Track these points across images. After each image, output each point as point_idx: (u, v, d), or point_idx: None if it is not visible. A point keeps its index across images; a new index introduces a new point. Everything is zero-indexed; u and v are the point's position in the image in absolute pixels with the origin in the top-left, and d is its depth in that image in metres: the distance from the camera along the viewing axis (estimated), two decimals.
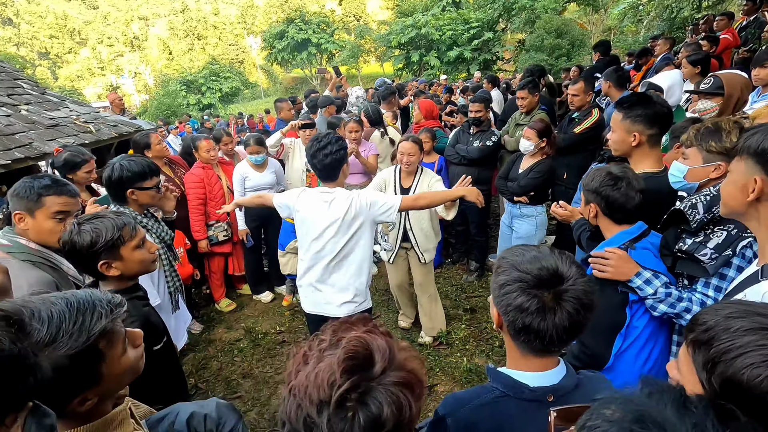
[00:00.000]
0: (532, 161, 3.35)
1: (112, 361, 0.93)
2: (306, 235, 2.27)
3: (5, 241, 1.70)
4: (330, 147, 2.15)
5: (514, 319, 0.95)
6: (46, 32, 41.68)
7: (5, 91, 4.99)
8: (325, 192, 2.22)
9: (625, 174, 1.62)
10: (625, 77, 3.93)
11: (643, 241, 1.60)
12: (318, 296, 2.31)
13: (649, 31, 15.56)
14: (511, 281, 0.96)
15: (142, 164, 2.13)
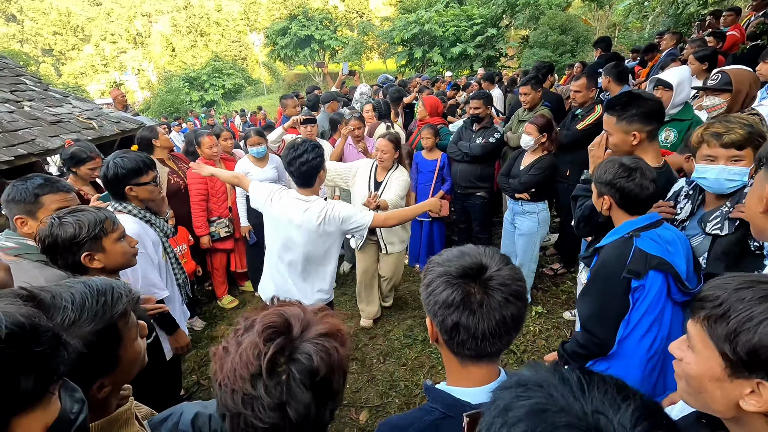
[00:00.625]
0: (534, 157, 3.33)
1: (127, 344, 0.96)
2: (275, 237, 2.34)
3: (11, 243, 1.68)
4: (306, 155, 2.16)
5: (443, 319, 0.89)
6: (50, 29, 41.76)
7: (8, 88, 5.00)
8: (300, 200, 2.25)
9: (638, 164, 1.61)
10: (625, 72, 3.90)
11: (650, 231, 1.59)
12: (288, 289, 2.37)
13: (655, 28, 15.44)
14: (435, 278, 0.92)
15: (136, 160, 2.08)
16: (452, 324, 0.88)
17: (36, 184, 1.70)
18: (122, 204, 2.11)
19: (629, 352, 1.62)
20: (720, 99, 2.42)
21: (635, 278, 1.54)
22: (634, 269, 1.54)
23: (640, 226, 1.61)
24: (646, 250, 1.54)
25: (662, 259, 1.52)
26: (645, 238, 1.57)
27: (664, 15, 15.04)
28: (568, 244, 4.06)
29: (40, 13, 41.77)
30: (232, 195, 3.89)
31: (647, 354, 1.60)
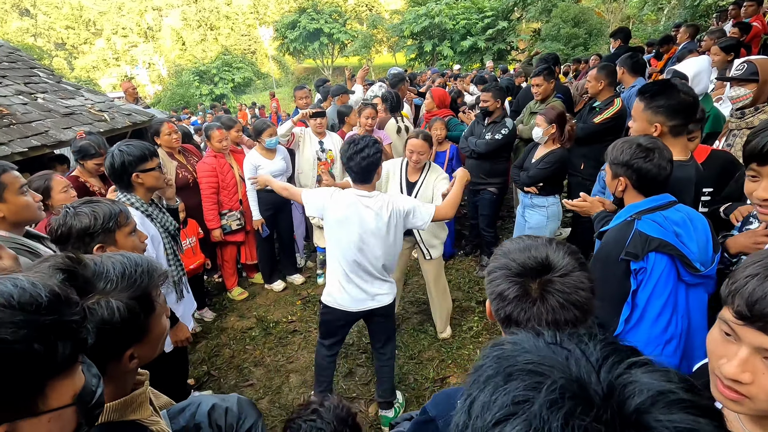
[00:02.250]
0: (545, 151, 3.27)
1: (156, 317, 0.99)
2: (345, 240, 2.25)
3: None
4: (367, 150, 2.14)
5: (497, 308, 0.92)
6: (63, 23, 42.13)
7: (22, 80, 5.04)
8: (363, 196, 2.21)
9: (656, 144, 1.58)
10: (641, 64, 3.80)
11: (655, 214, 1.57)
12: (357, 293, 2.34)
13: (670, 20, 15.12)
14: (497, 268, 0.94)
15: (140, 147, 2.09)
16: (505, 315, 0.91)
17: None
18: (126, 195, 2.10)
19: (643, 336, 1.60)
20: (746, 89, 2.33)
21: (633, 260, 1.54)
22: (632, 251, 1.53)
23: (643, 208, 1.59)
24: (647, 232, 1.52)
25: (663, 241, 1.50)
26: (646, 221, 1.55)
27: (680, 6, 14.71)
28: (580, 239, 3.99)
29: (53, 8, 42.15)
30: (242, 188, 3.89)
31: (663, 336, 1.59)
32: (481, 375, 0.45)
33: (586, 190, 3.59)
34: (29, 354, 0.55)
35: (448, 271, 4.27)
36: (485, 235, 4.10)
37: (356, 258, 2.26)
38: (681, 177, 1.75)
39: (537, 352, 0.44)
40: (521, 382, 0.40)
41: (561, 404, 0.37)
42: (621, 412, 0.37)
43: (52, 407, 0.59)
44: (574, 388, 0.39)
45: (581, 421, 0.36)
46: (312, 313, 3.78)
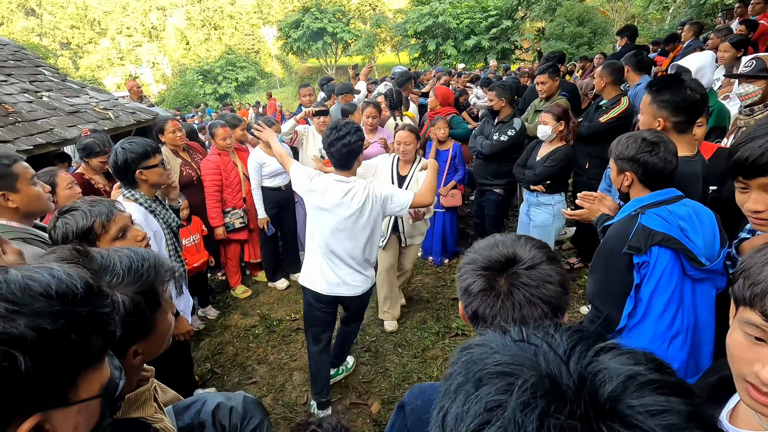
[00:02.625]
0: (550, 148, 3.24)
1: (162, 313, 0.99)
2: (319, 221, 2.31)
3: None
4: (349, 137, 2.15)
5: (465, 305, 0.90)
6: (68, 22, 42.35)
7: (27, 78, 5.07)
8: (341, 181, 2.24)
9: (661, 138, 1.57)
10: (645, 61, 3.77)
11: (659, 208, 1.55)
12: (332, 277, 2.38)
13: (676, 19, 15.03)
14: (465, 264, 0.93)
15: (142, 143, 2.10)
16: (472, 312, 0.89)
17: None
18: (131, 191, 2.12)
19: (649, 332, 1.59)
20: (754, 86, 2.32)
21: (636, 254, 1.53)
22: (635, 245, 1.53)
23: (648, 203, 1.58)
24: (650, 226, 1.51)
25: (666, 235, 1.49)
26: (650, 215, 1.54)
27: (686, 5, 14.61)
28: (585, 238, 3.97)
29: (58, 7, 42.38)
30: (246, 186, 3.89)
31: (669, 332, 1.57)
32: (452, 384, 0.43)
33: (591, 189, 3.57)
34: (66, 344, 0.55)
35: (452, 270, 4.26)
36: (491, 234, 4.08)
37: (330, 243, 2.30)
38: (687, 173, 1.74)
39: (505, 352, 0.43)
40: (492, 387, 0.39)
41: (534, 404, 0.36)
42: (594, 403, 0.36)
43: (81, 398, 0.60)
44: (545, 386, 0.38)
45: (556, 419, 0.35)
46: None
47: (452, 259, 4.44)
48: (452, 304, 3.69)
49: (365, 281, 2.45)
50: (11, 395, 0.50)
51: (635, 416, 0.35)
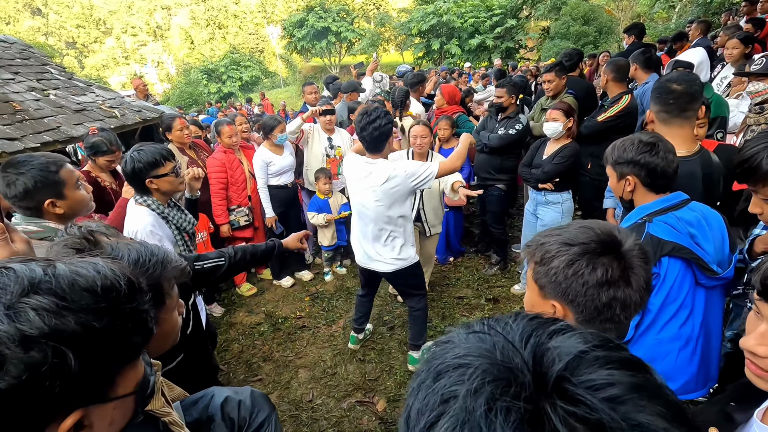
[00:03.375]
0: (557, 146, 3.23)
1: (166, 311, 0.98)
2: (354, 201, 2.57)
3: (33, 227, 1.64)
4: (379, 121, 2.29)
5: (593, 297, 0.87)
6: (73, 22, 42.56)
7: (34, 76, 5.09)
8: (368, 162, 2.42)
9: (657, 138, 1.53)
10: (654, 60, 3.74)
11: (667, 215, 1.49)
12: (368, 252, 2.61)
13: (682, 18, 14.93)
14: (575, 258, 0.88)
15: (153, 152, 2.04)
16: (606, 301, 0.87)
17: (43, 163, 1.62)
18: (143, 197, 2.08)
19: (654, 341, 1.54)
20: (764, 84, 2.31)
21: None
22: None
23: (654, 210, 1.51)
24: (659, 235, 1.45)
25: (677, 245, 1.43)
26: (658, 223, 1.47)
27: (692, 4, 14.51)
28: None
29: (64, 6, 42.60)
30: (251, 184, 3.89)
31: (676, 342, 1.52)
32: (415, 381, 0.44)
33: (593, 189, 3.58)
34: (110, 341, 0.55)
35: (457, 269, 4.25)
36: (494, 232, 4.06)
37: (361, 220, 2.55)
38: (682, 173, 1.67)
39: (465, 344, 0.43)
40: (448, 379, 0.39)
41: (482, 390, 0.37)
42: (541, 382, 0.37)
43: (119, 395, 0.59)
44: (495, 371, 0.38)
45: (503, 402, 0.35)
46: (320, 309, 3.78)
47: (457, 257, 4.43)
48: (457, 303, 3.68)
49: (395, 262, 2.57)
50: (59, 392, 0.49)
51: (579, 392, 0.35)
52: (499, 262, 4.13)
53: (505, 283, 3.92)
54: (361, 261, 2.68)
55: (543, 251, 0.93)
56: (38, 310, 0.48)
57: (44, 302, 0.49)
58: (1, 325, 0.47)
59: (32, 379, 0.47)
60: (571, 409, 0.34)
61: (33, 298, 0.49)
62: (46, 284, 0.51)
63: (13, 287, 0.49)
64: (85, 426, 0.54)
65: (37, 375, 0.47)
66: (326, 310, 3.76)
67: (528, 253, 0.98)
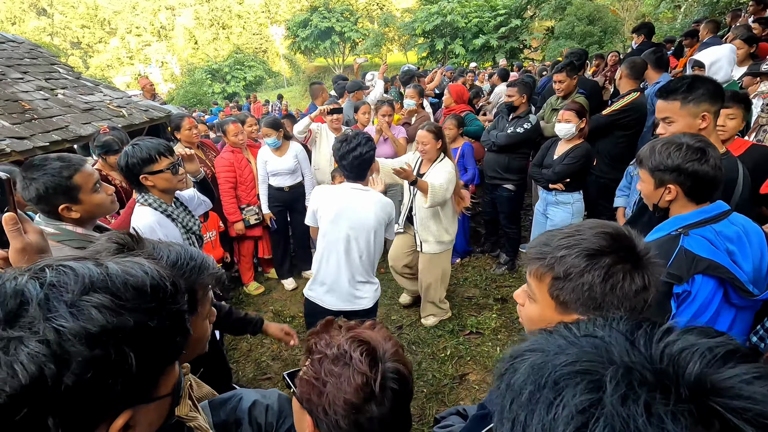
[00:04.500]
0: (568, 146, 3.22)
1: (199, 318, 0.95)
2: (332, 233, 2.24)
3: (52, 229, 1.62)
4: (360, 149, 2.15)
5: (627, 306, 0.83)
6: (78, 22, 42.75)
7: (43, 76, 5.12)
8: (358, 189, 2.24)
9: (705, 143, 1.37)
10: (665, 59, 3.73)
11: (705, 228, 1.38)
12: (346, 292, 2.31)
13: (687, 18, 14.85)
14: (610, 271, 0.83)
15: (148, 147, 1.94)
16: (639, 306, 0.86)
17: (57, 168, 1.59)
18: (143, 196, 2.01)
19: None
20: None
21: (677, 283, 1.34)
22: (675, 273, 1.33)
23: (692, 222, 1.38)
24: (694, 251, 1.33)
25: (713, 263, 1.32)
26: (695, 237, 1.35)
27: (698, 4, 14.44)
28: None
29: (69, 7, 42.80)
30: None
31: None
32: (520, 394, 0.41)
33: (599, 186, 3.57)
34: (160, 341, 0.55)
35: (464, 269, 4.24)
36: (508, 231, 4.05)
37: (346, 251, 2.24)
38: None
39: (568, 350, 0.41)
40: (575, 388, 0.37)
41: (635, 395, 0.35)
42: (694, 382, 0.35)
43: (160, 395, 0.59)
44: (637, 375, 0.36)
45: (665, 406, 0.34)
46: None
47: (464, 258, 4.42)
48: (465, 303, 3.67)
49: (371, 290, 2.37)
50: (119, 390, 0.49)
51: (737, 386, 0.35)
52: (507, 262, 4.11)
53: (513, 282, 3.91)
54: (331, 304, 2.32)
55: (566, 265, 0.85)
56: (99, 308, 0.48)
57: (105, 300, 0.49)
58: (66, 323, 0.46)
59: (95, 377, 0.47)
60: (737, 404, 0.33)
61: (93, 296, 0.49)
62: (102, 283, 0.51)
63: (74, 286, 0.49)
64: (130, 427, 0.54)
65: (100, 372, 0.47)
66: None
67: (541, 267, 0.89)
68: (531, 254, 0.93)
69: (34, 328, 0.45)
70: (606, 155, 3.46)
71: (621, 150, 3.43)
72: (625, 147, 3.43)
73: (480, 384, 2.80)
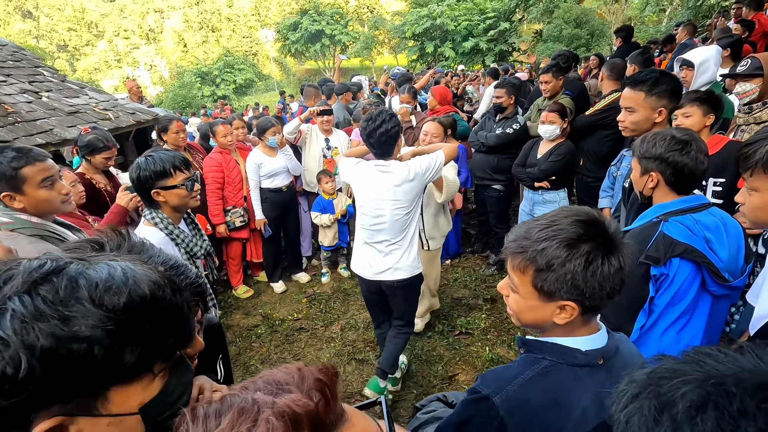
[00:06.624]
0: (551, 145, 3.27)
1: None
2: (365, 204, 2.37)
3: (5, 218, 1.63)
4: (385, 125, 2.20)
5: (608, 286, 0.88)
6: (65, 25, 42.27)
7: (27, 78, 5.05)
8: (381, 166, 2.30)
9: (692, 137, 1.46)
10: (652, 60, 3.81)
11: (684, 216, 1.45)
12: (377, 264, 2.42)
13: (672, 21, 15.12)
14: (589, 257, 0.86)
15: (162, 159, 1.82)
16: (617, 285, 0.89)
17: (9, 157, 1.61)
18: (151, 213, 1.86)
19: (654, 344, 1.52)
20: (751, 84, 2.35)
21: (654, 265, 1.42)
22: (653, 255, 1.41)
23: (672, 210, 1.47)
24: (672, 235, 1.40)
25: (689, 247, 1.39)
26: (674, 223, 1.43)
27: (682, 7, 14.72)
28: None
29: (56, 9, 42.30)
30: (247, 184, 3.87)
31: (677, 347, 1.49)
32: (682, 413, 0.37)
33: (586, 185, 3.62)
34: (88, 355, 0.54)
35: (454, 269, 4.26)
36: (497, 231, 4.08)
37: (372, 224, 2.35)
38: None
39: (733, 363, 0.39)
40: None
41: None
42: None
43: (111, 412, 0.58)
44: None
45: None
46: (318, 311, 3.77)
47: (454, 258, 4.44)
48: (455, 303, 3.69)
49: (408, 260, 2.42)
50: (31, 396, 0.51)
51: None
52: (497, 262, 4.14)
53: None
54: (367, 275, 2.46)
55: (548, 257, 0.88)
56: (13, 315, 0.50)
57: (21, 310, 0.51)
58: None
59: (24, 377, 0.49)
60: None
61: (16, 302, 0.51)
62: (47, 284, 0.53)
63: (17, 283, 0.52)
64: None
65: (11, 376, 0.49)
66: (324, 312, 3.74)
67: (523, 260, 0.91)
68: (511, 248, 0.94)
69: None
70: (592, 154, 3.50)
71: (606, 149, 3.47)
72: (610, 146, 3.47)
73: (469, 384, 2.80)
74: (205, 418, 0.43)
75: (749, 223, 1.33)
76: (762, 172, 1.18)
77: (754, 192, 1.22)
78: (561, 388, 0.92)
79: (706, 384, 0.37)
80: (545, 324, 0.96)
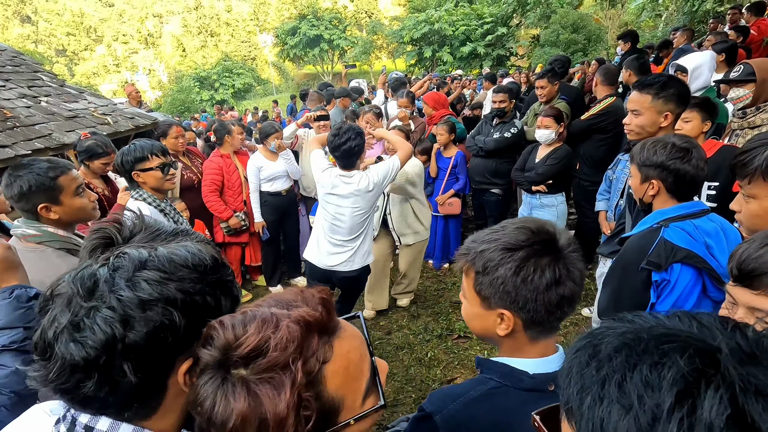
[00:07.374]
0: (549, 149, 3.32)
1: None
2: (326, 207, 2.64)
3: (33, 231, 1.62)
4: (350, 142, 2.42)
5: (543, 300, 0.83)
6: (63, 30, 42.33)
7: (26, 83, 5.06)
8: (344, 176, 2.55)
9: (692, 144, 1.46)
10: (647, 65, 3.83)
11: (685, 222, 1.46)
12: (331, 255, 2.69)
13: (668, 26, 15.24)
14: (521, 263, 0.83)
15: (142, 146, 2.14)
16: (556, 301, 0.84)
17: (45, 168, 1.62)
18: (137, 192, 2.18)
19: None
20: (744, 90, 2.38)
21: (655, 270, 1.42)
22: (654, 260, 1.41)
23: (673, 215, 1.47)
24: (673, 241, 1.40)
25: (690, 252, 1.39)
26: (674, 229, 1.43)
27: (678, 12, 14.84)
28: (584, 240, 3.99)
29: (54, 14, 42.37)
30: (246, 188, 3.89)
31: None
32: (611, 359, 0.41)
33: (583, 189, 3.65)
34: (204, 303, 0.67)
35: (453, 273, 4.26)
36: None
37: (330, 227, 2.65)
38: None
39: (662, 326, 0.42)
40: (684, 351, 0.38)
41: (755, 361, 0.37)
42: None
43: None
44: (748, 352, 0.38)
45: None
46: None
47: (452, 263, 4.44)
48: (453, 307, 3.69)
49: (356, 256, 2.69)
50: (172, 343, 0.63)
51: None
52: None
53: None
54: (319, 263, 2.73)
55: (484, 260, 0.86)
56: (148, 281, 0.63)
57: (152, 275, 0.63)
58: (125, 293, 0.61)
59: (151, 333, 0.61)
60: None
61: (143, 273, 0.63)
62: (151, 262, 0.65)
63: (129, 266, 0.64)
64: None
65: (155, 329, 0.61)
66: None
67: (465, 263, 0.90)
68: (459, 251, 0.93)
69: (103, 299, 0.61)
70: (588, 159, 3.53)
71: (603, 153, 3.50)
72: (606, 150, 3.51)
73: None
74: (233, 326, 0.56)
75: (746, 230, 1.33)
76: (761, 179, 1.18)
77: (752, 199, 1.22)
78: (505, 412, 0.87)
79: (627, 334, 0.42)
80: (492, 335, 0.92)
